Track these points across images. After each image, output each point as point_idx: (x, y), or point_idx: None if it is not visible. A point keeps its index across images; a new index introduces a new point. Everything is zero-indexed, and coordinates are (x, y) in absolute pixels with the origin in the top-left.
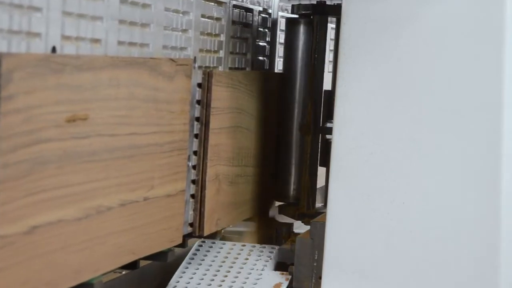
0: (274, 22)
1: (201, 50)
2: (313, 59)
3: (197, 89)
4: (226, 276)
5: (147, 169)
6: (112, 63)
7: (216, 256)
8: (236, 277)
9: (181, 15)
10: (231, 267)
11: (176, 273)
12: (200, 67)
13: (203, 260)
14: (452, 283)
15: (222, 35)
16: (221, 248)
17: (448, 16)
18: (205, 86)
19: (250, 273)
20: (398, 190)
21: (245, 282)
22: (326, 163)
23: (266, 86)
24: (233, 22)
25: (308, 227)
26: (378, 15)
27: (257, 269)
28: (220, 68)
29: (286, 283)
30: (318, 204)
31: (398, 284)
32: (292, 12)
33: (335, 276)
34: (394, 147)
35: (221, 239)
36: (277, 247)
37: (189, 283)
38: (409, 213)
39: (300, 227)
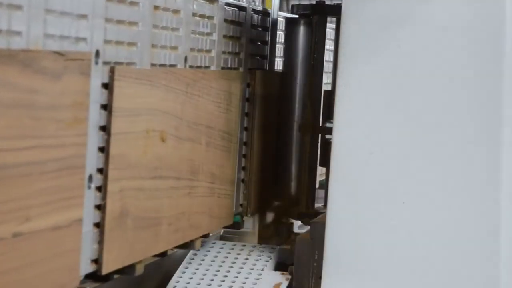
0: (274, 22)
1: (108, 42)
2: (312, 59)
3: (103, 90)
4: (226, 276)
5: (19, 196)
6: None
7: (216, 256)
8: (236, 277)
9: None
10: (231, 267)
11: (176, 273)
12: (107, 63)
13: (203, 260)
14: (452, 282)
15: (140, 24)
16: (221, 248)
17: (447, 16)
18: (109, 85)
19: (250, 273)
20: (398, 190)
21: (245, 282)
22: (326, 163)
23: (210, 84)
24: (156, 8)
25: (308, 227)
26: (378, 15)
27: (257, 269)
28: (138, 65)
29: (286, 283)
30: (318, 204)
31: (398, 284)
32: (292, 12)
33: (335, 276)
34: (394, 147)
35: (221, 239)
36: (277, 247)
37: (189, 283)
38: (409, 213)
39: (300, 227)
